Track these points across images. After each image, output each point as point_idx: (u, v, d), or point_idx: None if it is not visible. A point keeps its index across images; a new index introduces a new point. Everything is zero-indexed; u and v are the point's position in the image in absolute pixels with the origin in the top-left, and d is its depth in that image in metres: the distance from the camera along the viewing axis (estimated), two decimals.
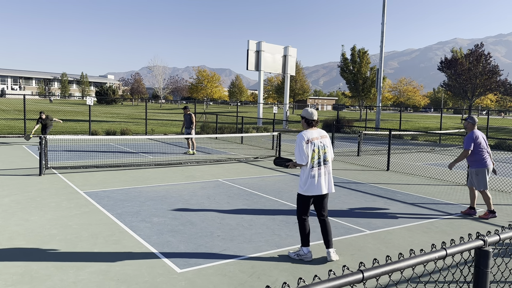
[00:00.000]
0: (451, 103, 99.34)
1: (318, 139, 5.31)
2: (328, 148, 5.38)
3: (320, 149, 5.28)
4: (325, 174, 5.30)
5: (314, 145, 5.24)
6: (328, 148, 5.38)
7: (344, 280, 1.59)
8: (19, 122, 25.52)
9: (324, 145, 5.33)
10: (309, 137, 5.27)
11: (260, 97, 32.40)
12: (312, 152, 5.22)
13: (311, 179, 5.22)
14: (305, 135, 5.27)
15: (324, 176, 5.29)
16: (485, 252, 2.10)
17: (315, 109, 5.29)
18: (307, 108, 5.46)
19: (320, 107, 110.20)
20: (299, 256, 5.31)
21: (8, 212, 6.99)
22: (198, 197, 8.43)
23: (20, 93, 54.28)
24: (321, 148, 5.29)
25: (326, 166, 5.32)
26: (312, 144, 5.24)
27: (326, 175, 5.32)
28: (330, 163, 5.40)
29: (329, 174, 5.38)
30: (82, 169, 11.28)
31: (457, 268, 4.79)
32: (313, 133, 5.32)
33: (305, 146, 5.21)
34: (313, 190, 5.23)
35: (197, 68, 79.17)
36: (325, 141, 5.37)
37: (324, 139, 5.38)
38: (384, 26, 32.31)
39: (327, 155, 5.35)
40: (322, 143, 5.33)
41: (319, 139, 5.32)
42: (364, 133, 17.95)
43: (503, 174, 12.55)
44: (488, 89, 37.06)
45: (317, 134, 5.34)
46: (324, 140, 5.38)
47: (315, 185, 5.22)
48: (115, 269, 4.81)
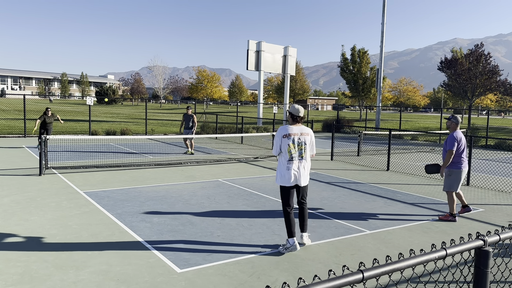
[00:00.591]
0: (451, 103, 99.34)
1: (297, 135, 5.58)
2: (306, 146, 5.63)
3: (297, 144, 5.55)
4: (299, 169, 5.58)
5: (291, 140, 5.53)
6: (306, 145, 5.63)
7: (344, 280, 1.59)
8: (19, 122, 25.52)
9: (302, 142, 5.59)
10: (289, 131, 5.57)
11: (260, 97, 32.39)
12: (288, 146, 5.52)
13: (287, 171, 5.55)
14: (285, 129, 5.59)
15: (298, 170, 5.58)
16: (485, 252, 2.10)
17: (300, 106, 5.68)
18: (294, 105, 5.69)
19: (320, 107, 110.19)
20: (287, 249, 5.51)
21: (8, 212, 6.99)
22: (198, 197, 8.43)
23: (20, 93, 54.29)
24: (298, 144, 5.56)
25: (301, 161, 5.59)
26: (289, 139, 5.54)
27: (300, 169, 5.59)
28: (307, 159, 5.67)
29: (304, 169, 5.63)
30: (82, 169, 11.28)
31: (457, 268, 4.80)
32: (294, 128, 5.60)
33: (281, 140, 5.56)
34: (288, 182, 5.55)
35: (197, 68, 79.16)
36: (304, 138, 5.62)
37: (304, 136, 5.62)
38: (384, 26, 32.31)
39: (304, 152, 5.60)
40: (300, 139, 5.59)
41: (298, 135, 5.58)
42: (364, 133, 17.95)
43: (503, 174, 12.55)
44: (488, 89, 37.02)
45: (297, 130, 5.60)
46: (304, 137, 5.62)
47: (290, 177, 5.54)
48: (115, 269, 4.81)
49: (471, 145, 10.78)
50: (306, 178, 5.71)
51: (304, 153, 5.61)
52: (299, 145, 5.57)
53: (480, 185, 10.80)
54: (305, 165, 5.65)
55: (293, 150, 5.54)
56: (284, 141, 5.56)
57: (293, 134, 5.57)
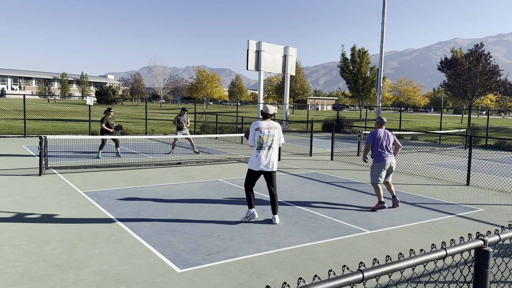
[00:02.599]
0: (451, 103, 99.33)
1: (266, 129, 6.82)
2: (275, 137, 6.85)
3: (266, 136, 6.79)
4: (266, 156, 6.77)
5: (261, 133, 6.77)
6: (275, 137, 6.85)
7: (344, 280, 1.59)
8: (19, 122, 25.52)
9: (271, 134, 6.82)
10: (259, 126, 6.82)
11: (260, 97, 32.39)
12: (258, 138, 6.76)
13: (256, 158, 6.78)
14: (257, 124, 6.86)
15: (267, 157, 6.78)
16: (485, 252, 2.10)
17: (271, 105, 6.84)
18: (265, 105, 7.00)
19: (320, 107, 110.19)
20: (247, 218, 6.82)
21: (8, 212, 6.99)
22: (198, 197, 8.43)
23: (20, 93, 54.28)
24: (267, 136, 6.79)
25: (270, 150, 6.80)
26: (260, 132, 6.78)
27: (269, 156, 6.79)
28: (275, 149, 6.88)
29: (272, 156, 6.82)
30: (82, 169, 11.28)
31: (457, 268, 4.79)
32: (263, 123, 6.84)
33: (254, 133, 6.82)
34: (257, 166, 6.76)
35: (197, 68, 79.14)
36: (273, 131, 6.85)
37: (272, 130, 6.86)
38: (384, 26, 32.30)
39: (272, 142, 6.81)
40: (269, 132, 6.82)
41: (267, 129, 6.83)
42: (364, 133, 17.95)
43: (503, 174, 12.55)
44: (488, 89, 37.03)
45: (266, 125, 6.85)
46: (272, 131, 6.85)
47: (259, 163, 6.76)
48: (115, 269, 4.81)
49: (471, 145, 10.79)
50: (274, 164, 6.84)
51: (272, 143, 6.82)
52: (268, 137, 6.79)
53: (480, 185, 10.80)
54: (273, 153, 6.84)
55: (262, 141, 6.76)
56: (256, 133, 6.80)
57: (263, 128, 6.81)
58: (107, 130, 13.51)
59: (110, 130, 13.52)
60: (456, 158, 16.47)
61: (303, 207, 7.88)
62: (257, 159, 6.77)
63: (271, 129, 6.83)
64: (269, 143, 6.77)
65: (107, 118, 13.51)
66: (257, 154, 6.77)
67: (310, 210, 7.67)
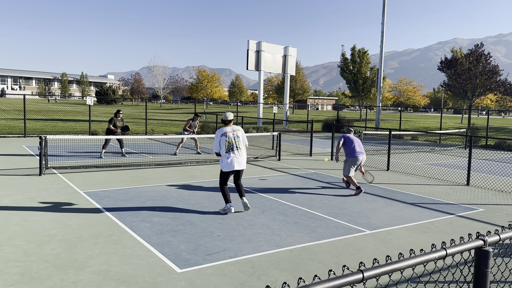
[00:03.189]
0: (451, 103, 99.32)
1: (231, 132, 7.45)
2: (239, 138, 7.48)
3: (232, 139, 7.39)
4: (237, 156, 7.37)
5: (227, 137, 7.38)
6: (239, 138, 7.48)
7: (344, 280, 1.59)
8: (19, 122, 25.52)
9: (236, 136, 7.45)
10: (224, 131, 7.45)
11: (260, 97, 32.39)
12: (225, 142, 7.34)
13: (227, 160, 7.34)
14: (221, 130, 7.47)
15: (237, 158, 7.37)
16: (485, 252, 2.10)
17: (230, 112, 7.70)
18: (225, 113, 7.66)
19: (320, 107, 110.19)
20: (224, 211, 7.35)
21: (8, 212, 6.99)
22: (198, 197, 8.43)
23: (20, 93, 54.29)
24: (232, 138, 7.40)
25: (238, 150, 7.40)
26: (226, 136, 7.38)
27: (238, 157, 7.39)
28: (243, 148, 7.50)
29: (241, 157, 7.44)
30: (82, 169, 11.28)
31: (457, 268, 4.80)
32: (227, 128, 7.48)
33: (220, 139, 7.39)
34: (229, 167, 7.34)
35: (197, 68, 79.13)
36: (237, 133, 7.48)
37: (236, 132, 7.50)
38: (384, 26, 32.30)
39: (239, 143, 7.45)
40: (234, 134, 7.44)
41: (232, 132, 7.45)
42: (364, 133, 17.95)
43: (503, 174, 12.55)
44: (488, 89, 37.03)
45: (230, 129, 7.49)
46: (237, 132, 7.49)
47: (230, 165, 7.33)
48: (115, 269, 4.81)
49: (471, 145, 10.79)
50: (243, 163, 7.48)
51: (239, 144, 7.45)
52: (234, 138, 7.42)
53: (480, 185, 10.80)
54: (241, 153, 7.46)
55: (230, 144, 7.36)
56: (222, 139, 7.38)
57: (228, 132, 7.44)
58: (113, 131, 13.74)
59: (117, 131, 13.78)
60: (456, 158, 16.47)
61: (303, 207, 7.88)
62: (228, 162, 7.33)
63: (235, 132, 7.50)
64: (236, 144, 7.42)
65: (115, 119, 13.82)
66: (228, 156, 7.35)
67: (310, 210, 7.67)
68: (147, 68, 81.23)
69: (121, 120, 13.96)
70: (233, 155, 7.34)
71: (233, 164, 7.33)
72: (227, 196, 7.40)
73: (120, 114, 13.94)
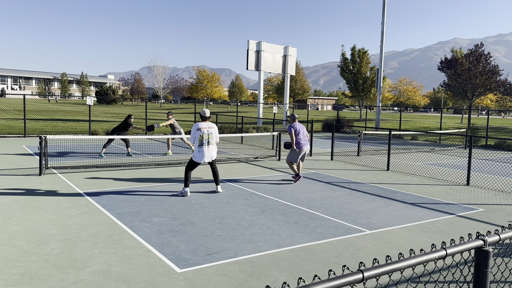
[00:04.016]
0: (451, 103, 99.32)
1: (206, 128, 8.46)
2: (212, 135, 8.52)
3: (206, 135, 8.42)
4: (208, 150, 8.50)
5: (201, 132, 8.39)
6: (212, 135, 8.52)
7: (344, 280, 1.59)
8: (19, 122, 25.52)
9: (209, 133, 8.46)
10: (200, 126, 8.42)
11: (260, 97, 32.38)
12: (200, 136, 8.38)
13: (199, 152, 8.45)
14: (197, 125, 8.43)
15: (208, 151, 8.50)
16: (485, 252, 2.10)
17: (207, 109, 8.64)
18: (203, 109, 8.52)
19: (320, 107, 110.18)
20: (182, 193, 8.37)
21: (8, 212, 6.99)
22: (198, 197, 8.43)
23: (20, 93, 54.27)
24: (206, 134, 8.43)
25: (209, 145, 8.50)
26: (200, 131, 8.39)
27: (209, 150, 8.52)
28: (213, 144, 8.58)
29: (212, 151, 8.58)
30: (82, 169, 11.28)
31: (457, 268, 4.80)
32: (203, 124, 8.49)
33: (196, 132, 8.38)
34: (199, 159, 8.48)
35: (197, 68, 79.13)
36: (211, 130, 8.50)
37: (211, 129, 8.51)
38: (384, 26, 32.30)
39: (211, 139, 8.52)
40: (208, 131, 8.46)
41: (206, 128, 8.47)
42: (364, 133, 17.94)
43: (503, 174, 12.55)
44: (488, 89, 37.04)
45: (206, 125, 8.50)
46: (210, 129, 8.51)
47: (201, 156, 8.47)
48: (115, 269, 4.81)
49: (471, 145, 10.79)
50: (214, 155, 8.64)
51: (211, 140, 8.52)
52: (207, 135, 8.43)
53: (480, 185, 10.80)
54: (212, 148, 8.58)
55: (203, 139, 8.38)
56: (197, 133, 8.37)
57: (202, 128, 8.43)
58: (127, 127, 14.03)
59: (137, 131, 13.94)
60: (456, 158, 16.47)
61: (303, 207, 7.88)
62: (199, 154, 8.44)
63: (209, 129, 8.49)
64: (209, 139, 8.47)
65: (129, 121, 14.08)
66: (199, 149, 8.43)
67: (310, 210, 7.67)
68: (147, 68, 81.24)
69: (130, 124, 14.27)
70: (205, 149, 8.44)
71: (204, 157, 8.46)
72: (187, 181, 8.45)
73: (131, 118, 14.20)
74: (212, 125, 8.57)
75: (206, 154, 8.46)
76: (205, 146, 8.44)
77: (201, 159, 8.45)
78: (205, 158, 8.46)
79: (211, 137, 8.48)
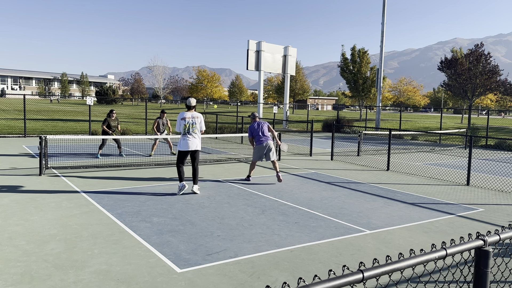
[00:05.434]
0: (451, 103, 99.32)
1: (190, 118, 8.64)
2: (196, 124, 8.67)
3: (189, 124, 8.60)
4: (192, 139, 8.62)
5: (185, 121, 8.59)
6: (196, 124, 8.66)
7: (344, 280, 1.59)
8: (19, 122, 25.52)
9: (193, 122, 8.63)
10: (184, 116, 8.65)
11: (260, 97, 32.38)
12: (184, 125, 8.57)
13: (183, 141, 8.62)
14: (182, 114, 8.68)
15: (192, 140, 8.63)
16: (485, 252, 2.10)
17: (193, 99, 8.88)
18: (189, 98, 8.75)
19: (320, 107, 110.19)
20: (180, 189, 8.50)
21: (8, 212, 6.99)
22: (198, 197, 8.43)
23: (20, 93, 54.27)
24: (190, 124, 8.60)
25: (193, 134, 8.64)
26: (184, 120, 8.60)
27: (193, 139, 8.64)
28: (198, 133, 8.70)
29: (196, 139, 8.68)
30: (82, 169, 11.28)
31: (457, 268, 4.80)
32: (187, 113, 8.69)
33: (180, 122, 8.59)
34: (185, 147, 8.61)
35: (197, 68, 79.12)
36: (195, 120, 8.67)
37: (195, 118, 8.67)
38: (384, 26, 32.30)
39: (195, 128, 8.65)
40: (192, 120, 8.63)
41: (190, 118, 8.65)
42: (364, 133, 17.94)
43: (503, 174, 12.55)
44: (488, 89, 37.05)
45: (190, 115, 8.68)
46: (195, 119, 8.67)
47: (186, 145, 8.61)
48: (115, 269, 4.81)
49: (471, 145, 10.79)
50: (198, 145, 8.70)
51: (195, 129, 8.65)
52: (191, 124, 8.60)
53: (480, 185, 10.80)
54: (196, 137, 8.68)
55: (187, 128, 8.57)
56: (182, 122, 8.57)
57: (187, 117, 8.64)
58: (107, 132, 13.63)
59: (110, 132, 13.63)
60: (456, 158, 16.47)
61: (303, 207, 7.88)
62: (184, 142, 8.61)
63: (193, 118, 8.66)
64: (193, 128, 8.63)
65: (109, 119, 13.68)
66: (184, 138, 8.62)
67: (310, 210, 7.66)
68: (147, 68, 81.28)
69: (115, 120, 13.86)
70: (188, 138, 8.60)
71: (188, 145, 8.59)
72: (181, 175, 8.63)
73: (114, 114, 13.80)
74: (196, 115, 8.74)
75: (190, 142, 8.59)
76: (188, 135, 8.60)
77: (186, 147, 8.59)
78: (189, 146, 8.59)
79: (194, 126, 8.65)
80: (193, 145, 8.64)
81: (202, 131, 8.84)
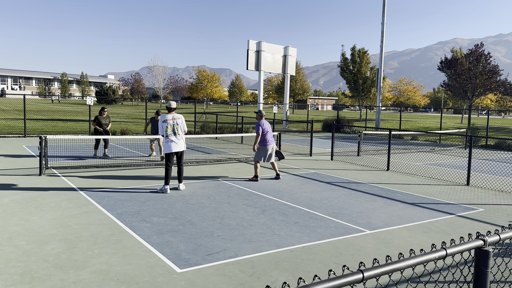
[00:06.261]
0: (451, 103, 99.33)
1: (171, 120, 8.76)
2: (178, 126, 8.78)
3: (171, 126, 8.72)
4: (176, 141, 8.74)
5: (167, 123, 8.72)
6: (178, 125, 8.78)
7: (344, 280, 1.59)
8: (19, 122, 25.52)
9: (174, 123, 8.75)
10: (165, 118, 8.75)
11: (260, 97, 32.38)
12: (166, 128, 8.70)
13: (167, 143, 8.74)
14: (164, 117, 8.76)
15: (175, 141, 8.74)
16: (485, 252, 2.10)
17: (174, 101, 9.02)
18: (169, 101, 8.90)
19: (320, 107, 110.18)
20: (162, 191, 8.62)
21: (8, 212, 6.99)
22: (198, 197, 8.43)
23: (20, 93, 54.27)
24: (172, 125, 8.72)
25: (176, 135, 8.76)
26: (166, 123, 8.72)
27: (177, 141, 8.76)
28: (181, 134, 8.83)
29: (180, 140, 8.82)
30: (82, 169, 11.28)
31: (457, 268, 4.80)
32: (169, 116, 8.80)
33: (162, 124, 8.72)
34: (168, 150, 8.73)
35: (197, 68, 79.11)
36: (177, 121, 8.79)
37: (176, 120, 8.79)
38: (384, 26, 32.30)
39: (177, 130, 8.76)
40: (174, 122, 8.75)
41: (172, 120, 8.76)
42: (364, 133, 17.94)
43: (503, 174, 12.55)
44: (488, 89, 37.04)
45: (171, 117, 8.79)
46: (176, 120, 8.79)
47: (169, 147, 8.73)
48: (115, 269, 4.81)
49: (471, 145, 10.79)
50: (182, 147, 8.82)
51: (178, 131, 8.77)
52: (173, 126, 8.73)
53: (480, 185, 10.80)
54: (179, 138, 8.80)
55: (169, 130, 8.69)
56: (163, 125, 8.70)
57: (168, 119, 8.75)
58: (98, 130, 13.57)
59: (100, 129, 13.57)
60: (456, 158, 16.47)
61: (303, 207, 7.88)
62: (167, 145, 8.73)
63: (175, 120, 8.78)
64: (175, 130, 8.74)
65: (99, 117, 13.64)
66: (167, 140, 8.73)
67: (310, 210, 7.66)
68: (147, 68, 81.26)
69: (106, 118, 13.78)
70: (172, 140, 8.72)
71: (172, 147, 8.72)
72: (168, 178, 8.69)
73: (105, 111, 13.71)
74: (177, 116, 8.86)
75: (173, 144, 8.70)
76: (171, 137, 8.71)
77: (169, 149, 8.70)
78: (172, 148, 8.69)
79: (176, 127, 8.76)
80: (177, 147, 8.79)
81: (185, 131, 8.98)
